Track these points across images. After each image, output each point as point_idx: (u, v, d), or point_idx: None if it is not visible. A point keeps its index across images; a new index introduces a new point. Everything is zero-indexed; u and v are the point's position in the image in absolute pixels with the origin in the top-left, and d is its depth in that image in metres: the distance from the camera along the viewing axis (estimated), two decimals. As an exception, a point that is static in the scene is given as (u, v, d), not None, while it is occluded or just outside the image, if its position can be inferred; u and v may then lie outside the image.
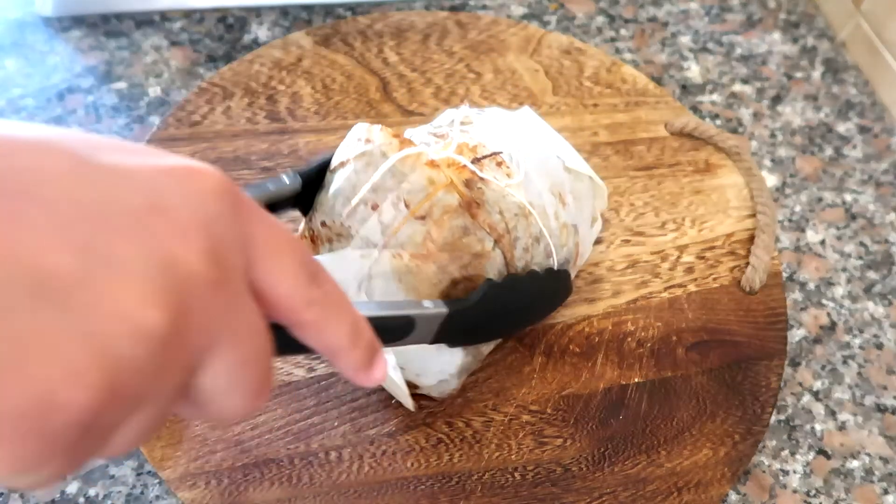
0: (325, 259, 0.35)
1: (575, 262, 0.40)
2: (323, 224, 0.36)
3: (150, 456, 0.37)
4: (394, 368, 0.33)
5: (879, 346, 0.47)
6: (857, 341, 0.47)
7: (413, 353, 0.34)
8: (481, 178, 0.35)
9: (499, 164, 0.36)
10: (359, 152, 0.35)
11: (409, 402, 0.35)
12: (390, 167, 0.34)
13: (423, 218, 0.33)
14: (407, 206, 0.33)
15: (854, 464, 0.42)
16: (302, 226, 0.37)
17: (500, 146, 0.37)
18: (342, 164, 0.36)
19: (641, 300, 0.45)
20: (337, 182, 0.36)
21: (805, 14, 0.65)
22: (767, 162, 0.55)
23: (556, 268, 0.38)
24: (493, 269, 0.34)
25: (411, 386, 0.35)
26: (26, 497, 0.37)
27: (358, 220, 0.34)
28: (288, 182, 0.35)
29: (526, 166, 0.37)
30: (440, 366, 0.34)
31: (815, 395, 0.45)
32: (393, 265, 0.33)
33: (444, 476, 0.38)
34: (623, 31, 0.62)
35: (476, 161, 0.36)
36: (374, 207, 0.34)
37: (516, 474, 0.38)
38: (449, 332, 0.32)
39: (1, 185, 0.12)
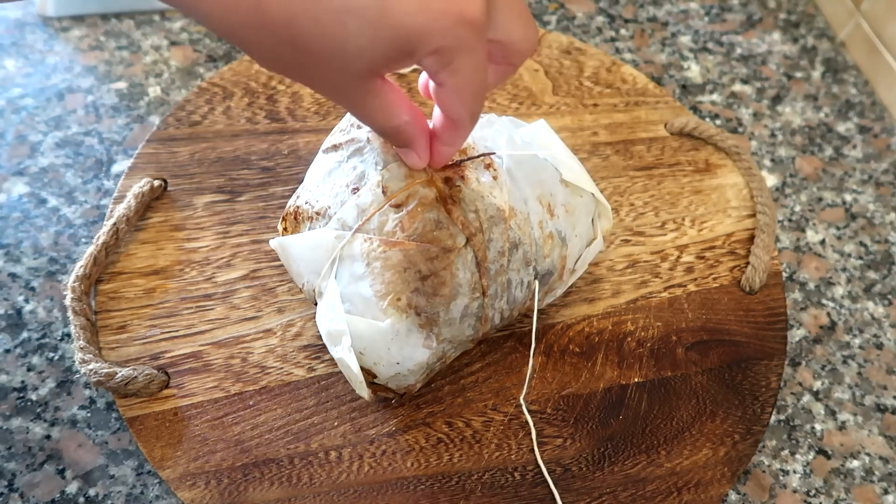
0: (300, 237, 0.36)
1: (561, 276, 0.40)
2: (307, 203, 0.37)
3: (150, 456, 0.37)
4: (348, 350, 0.34)
5: (879, 346, 0.47)
6: (857, 341, 0.47)
7: (374, 339, 0.34)
8: (462, 177, 0.35)
9: (487, 165, 0.36)
10: (348, 138, 0.36)
11: (364, 392, 0.35)
12: (374, 155, 0.35)
13: (398, 206, 0.34)
14: (385, 192, 0.34)
15: (854, 464, 0.42)
16: (290, 202, 0.38)
17: (492, 149, 0.37)
18: (334, 148, 0.38)
19: (641, 300, 0.45)
20: (325, 164, 0.37)
21: (805, 14, 0.65)
22: (767, 162, 0.55)
23: (534, 278, 0.38)
24: (464, 268, 0.34)
25: (368, 374, 0.35)
26: (26, 496, 0.37)
27: (338, 202, 0.35)
28: None
29: (516, 172, 0.37)
30: (400, 358, 0.34)
31: (815, 395, 0.45)
32: (362, 249, 0.34)
33: (444, 476, 0.38)
34: (623, 31, 0.62)
35: (461, 162, 0.36)
36: (355, 191, 0.35)
37: (516, 474, 0.38)
38: None
39: None
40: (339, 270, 0.34)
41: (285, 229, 0.38)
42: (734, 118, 0.57)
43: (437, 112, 0.32)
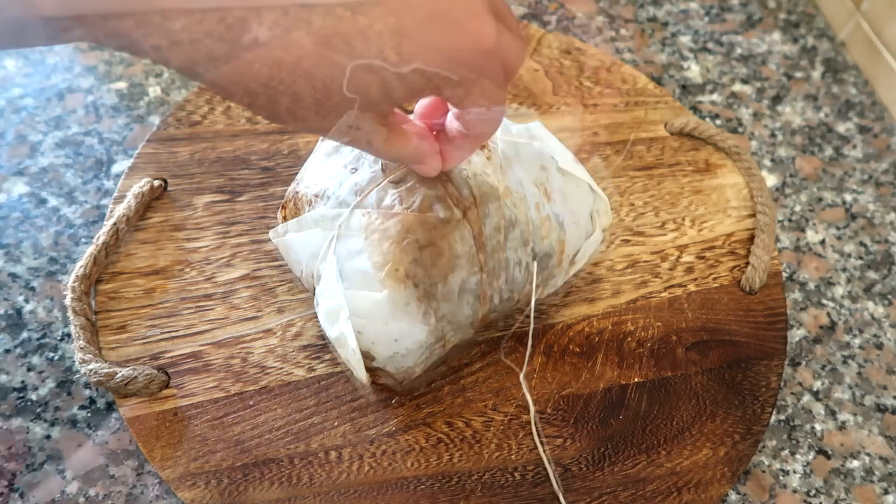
0: (299, 220, 0.36)
1: (560, 262, 0.40)
2: (306, 187, 0.37)
3: (150, 456, 0.37)
4: (346, 321, 0.34)
5: (879, 346, 0.47)
6: (857, 341, 0.47)
7: (371, 312, 0.34)
8: None
9: (482, 146, 0.37)
10: None
11: (362, 374, 0.35)
12: None
13: (397, 183, 0.35)
14: (384, 170, 0.35)
15: (854, 464, 0.42)
16: (289, 189, 0.38)
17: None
18: None
19: (641, 300, 0.45)
20: (323, 149, 0.38)
21: (805, 14, 0.65)
22: (767, 162, 0.55)
23: (533, 257, 0.38)
24: (462, 241, 0.35)
25: (367, 357, 0.35)
26: (26, 496, 0.37)
27: (336, 182, 0.36)
28: None
29: (511, 156, 0.38)
30: (398, 335, 0.34)
31: (815, 395, 0.45)
32: (361, 222, 0.34)
33: (444, 476, 0.38)
34: (623, 31, 0.62)
35: None
36: (353, 171, 0.36)
37: (516, 474, 0.38)
38: None
39: None
40: (338, 248, 0.35)
41: (285, 217, 0.38)
42: (734, 118, 0.57)
43: (452, 122, 0.32)
